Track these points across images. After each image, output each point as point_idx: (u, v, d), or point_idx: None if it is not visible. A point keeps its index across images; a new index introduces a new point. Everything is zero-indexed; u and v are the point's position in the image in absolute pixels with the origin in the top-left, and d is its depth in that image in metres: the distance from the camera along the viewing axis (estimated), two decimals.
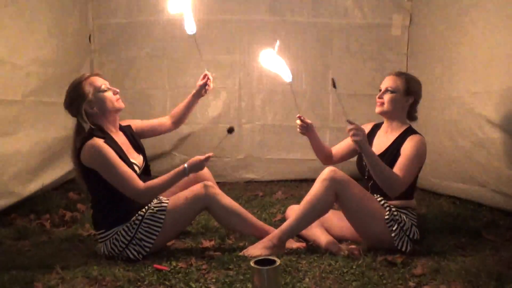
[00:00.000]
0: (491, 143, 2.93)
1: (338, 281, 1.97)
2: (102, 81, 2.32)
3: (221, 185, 2.54)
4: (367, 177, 2.47)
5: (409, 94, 2.44)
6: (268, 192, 3.73)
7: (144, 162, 2.44)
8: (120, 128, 2.44)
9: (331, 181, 2.24)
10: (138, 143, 2.48)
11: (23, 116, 3.06)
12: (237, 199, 3.14)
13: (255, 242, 2.30)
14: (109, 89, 2.32)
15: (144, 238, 2.24)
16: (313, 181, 2.35)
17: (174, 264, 2.14)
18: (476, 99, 3.04)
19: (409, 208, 2.40)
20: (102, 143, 2.18)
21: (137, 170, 2.32)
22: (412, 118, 2.51)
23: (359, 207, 2.27)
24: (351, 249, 2.24)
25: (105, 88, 2.30)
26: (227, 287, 1.93)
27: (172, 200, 2.31)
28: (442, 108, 3.42)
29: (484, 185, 3.06)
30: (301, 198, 2.37)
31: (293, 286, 1.92)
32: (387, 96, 2.43)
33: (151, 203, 2.33)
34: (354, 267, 2.08)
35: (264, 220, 2.70)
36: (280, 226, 2.31)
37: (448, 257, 2.23)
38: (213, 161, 4.04)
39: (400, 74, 2.49)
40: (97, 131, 2.25)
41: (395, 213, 2.30)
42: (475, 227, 2.66)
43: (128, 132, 2.47)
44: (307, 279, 1.98)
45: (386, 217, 2.27)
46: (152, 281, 1.98)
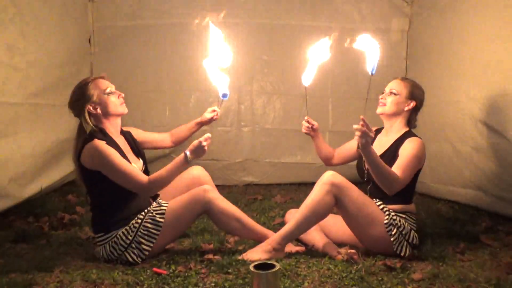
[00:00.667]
0: (491, 148, 2.94)
1: (337, 286, 1.97)
2: (108, 84, 2.33)
3: (220, 188, 2.55)
4: (367, 180, 2.49)
5: (411, 99, 2.46)
6: (267, 196, 3.74)
7: (144, 167, 2.45)
8: (121, 133, 2.44)
9: (331, 185, 2.25)
10: (138, 148, 2.49)
11: (23, 118, 3.06)
12: (236, 203, 3.14)
13: (254, 246, 2.30)
14: (114, 93, 2.33)
15: (143, 242, 2.24)
16: (312, 185, 2.35)
17: (173, 268, 2.13)
18: (475, 104, 3.05)
19: (408, 213, 2.40)
20: (103, 144, 2.19)
21: None
22: (412, 126, 2.53)
23: (359, 212, 2.27)
24: (350, 254, 2.23)
25: (110, 91, 2.31)
26: None
27: (171, 204, 2.31)
28: (441, 113, 3.42)
29: (483, 190, 3.07)
30: (300, 202, 2.37)
31: None
32: (390, 98, 2.48)
33: (150, 207, 2.33)
34: (353, 272, 2.08)
35: (263, 224, 2.70)
36: (280, 230, 2.31)
37: (447, 262, 2.23)
38: (213, 164, 4.09)
39: (405, 79, 2.55)
40: (98, 133, 2.25)
41: (394, 218, 2.30)
42: (474, 232, 2.66)
43: (129, 137, 2.47)
44: (306, 284, 1.98)
45: (385, 222, 2.27)
46: (151, 285, 1.98)
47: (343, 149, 2.76)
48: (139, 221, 2.27)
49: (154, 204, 2.35)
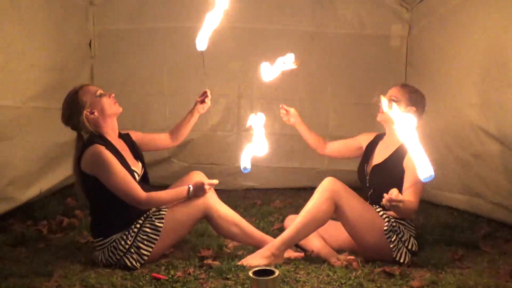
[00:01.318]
0: (490, 155, 2.94)
1: None
2: (97, 88, 2.35)
3: (219, 193, 2.55)
4: (368, 186, 2.50)
5: (411, 105, 2.45)
6: (266, 201, 3.73)
7: (143, 170, 2.45)
8: (120, 136, 2.44)
9: (331, 192, 2.25)
10: (138, 151, 2.49)
11: (22, 122, 3.05)
12: (235, 207, 3.13)
13: (254, 251, 2.30)
14: (105, 94, 2.35)
15: (142, 247, 2.23)
16: (311, 190, 2.35)
17: (172, 273, 2.13)
18: (475, 111, 3.05)
19: (408, 219, 2.40)
20: (104, 149, 2.19)
21: (137, 178, 2.33)
22: None
23: (358, 218, 2.28)
24: (349, 260, 2.24)
25: (101, 93, 2.33)
26: None
27: (171, 209, 2.31)
28: (441, 119, 3.42)
29: (482, 197, 3.07)
30: (299, 207, 2.37)
31: None
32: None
33: (150, 211, 2.33)
34: (352, 278, 2.08)
35: (262, 229, 2.69)
36: (279, 236, 2.31)
37: (446, 269, 2.23)
38: (212, 168, 4.08)
39: (405, 86, 2.54)
40: (98, 138, 2.25)
41: (394, 224, 2.30)
42: (473, 239, 2.66)
43: (128, 140, 2.48)
44: None
45: (385, 228, 2.27)
46: None
47: (343, 145, 2.80)
48: (138, 226, 2.27)
49: (154, 209, 2.35)
